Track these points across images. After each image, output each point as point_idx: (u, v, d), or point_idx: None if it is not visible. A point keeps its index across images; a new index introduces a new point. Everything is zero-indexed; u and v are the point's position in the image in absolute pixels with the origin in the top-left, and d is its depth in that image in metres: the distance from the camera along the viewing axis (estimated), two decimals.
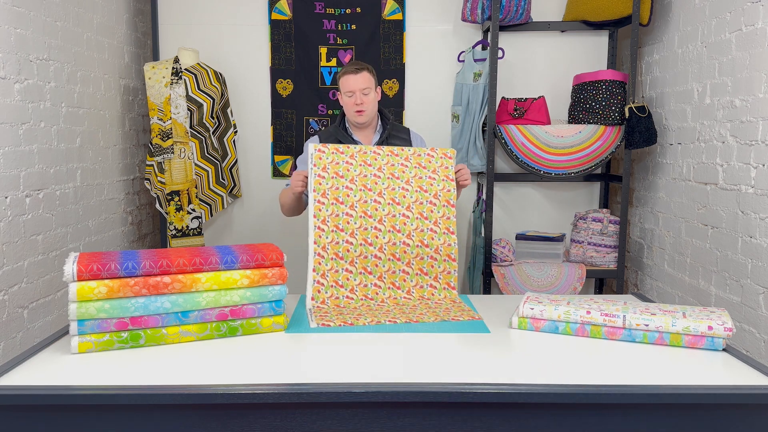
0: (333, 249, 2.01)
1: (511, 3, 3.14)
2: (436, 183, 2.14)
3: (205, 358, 1.51)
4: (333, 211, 2.04)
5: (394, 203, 2.09)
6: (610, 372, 1.45)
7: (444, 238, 2.09)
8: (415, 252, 2.06)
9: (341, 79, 2.44)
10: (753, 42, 2.37)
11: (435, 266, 2.07)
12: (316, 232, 2.01)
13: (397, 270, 2.05)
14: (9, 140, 2.30)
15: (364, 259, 2.02)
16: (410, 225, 2.07)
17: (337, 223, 2.04)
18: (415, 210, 2.10)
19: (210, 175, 3.36)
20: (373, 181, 2.10)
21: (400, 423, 1.35)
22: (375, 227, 2.05)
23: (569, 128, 3.17)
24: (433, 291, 2.06)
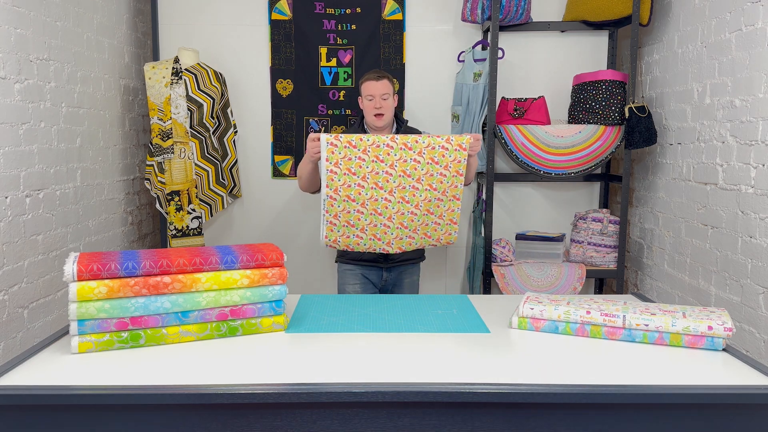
0: (345, 218, 2.20)
1: (511, 3, 3.14)
2: (446, 180, 2.21)
3: (205, 358, 1.51)
4: (344, 207, 2.17)
5: (404, 201, 2.18)
6: (610, 372, 1.45)
7: (446, 228, 2.28)
8: (421, 219, 2.27)
9: (363, 84, 2.68)
10: (753, 42, 2.37)
11: (438, 230, 2.27)
12: (328, 227, 2.17)
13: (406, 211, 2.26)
14: (9, 140, 2.30)
15: (374, 227, 2.25)
16: (417, 221, 2.19)
17: (348, 219, 2.17)
18: (423, 207, 2.20)
19: (210, 175, 3.36)
20: (384, 179, 2.18)
21: (400, 423, 1.35)
22: (384, 224, 2.22)
23: (569, 128, 3.17)
24: (439, 204, 2.24)
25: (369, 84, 2.66)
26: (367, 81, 2.67)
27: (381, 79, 2.66)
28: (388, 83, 2.67)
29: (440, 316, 1.87)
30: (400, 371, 1.43)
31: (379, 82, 2.65)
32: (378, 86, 2.65)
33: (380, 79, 2.66)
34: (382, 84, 2.65)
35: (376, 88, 2.65)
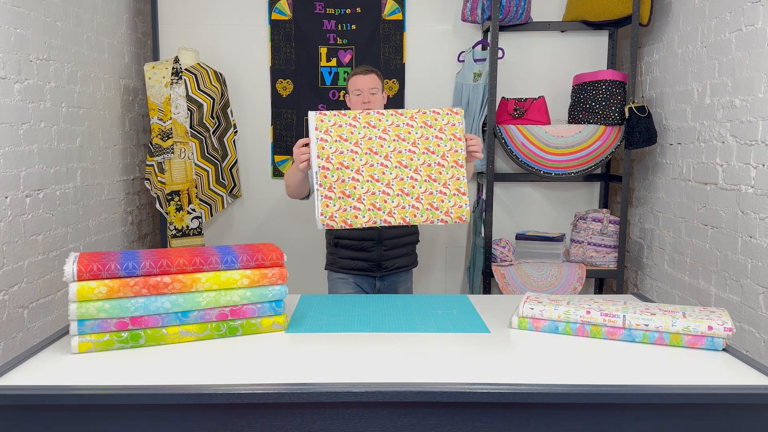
0: (340, 188, 2.03)
1: (511, 3, 3.14)
2: (443, 143, 2.07)
3: (205, 358, 1.51)
4: (338, 176, 2.01)
5: (402, 166, 2.05)
6: (610, 372, 1.45)
7: (454, 199, 2.04)
8: (423, 186, 2.05)
9: (350, 79, 2.53)
10: (753, 42, 2.37)
11: (445, 200, 2.04)
12: (323, 202, 2.00)
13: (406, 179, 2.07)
14: (9, 140, 2.30)
15: (372, 195, 2.03)
16: (419, 188, 2.04)
17: (344, 189, 2.01)
18: (423, 173, 2.05)
19: (210, 175, 3.36)
20: (378, 144, 2.07)
21: (400, 423, 1.35)
22: (383, 191, 2.03)
23: (569, 128, 3.17)
24: (441, 170, 2.05)
25: (357, 78, 2.52)
26: (355, 76, 2.54)
27: (369, 74, 2.53)
28: (377, 78, 2.54)
29: (440, 316, 1.87)
30: (400, 371, 1.43)
31: (367, 77, 2.52)
32: (366, 80, 2.51)
33: (368, 73, 2.53)
34: (370, 78, 2.52)
35: (364, 82, 2.51)
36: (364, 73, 2.52)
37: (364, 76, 2.52)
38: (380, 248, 2.56)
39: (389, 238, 2.57)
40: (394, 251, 2.60)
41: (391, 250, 2.59)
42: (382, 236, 2.55)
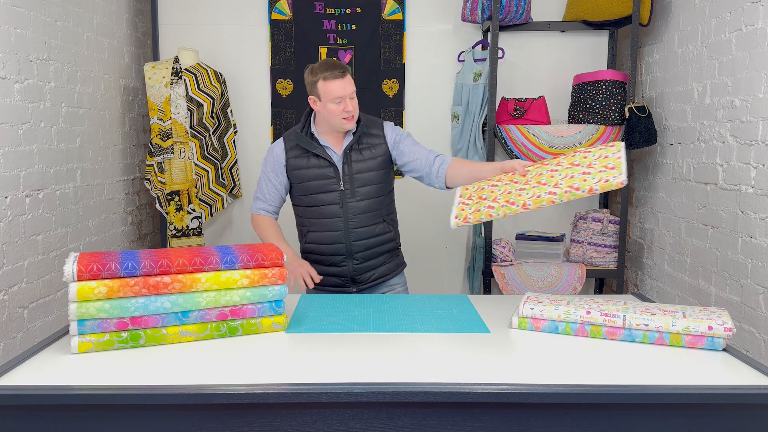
0: (478, 195, 1.96)
1: (511, 3, 3.14)
2: (590, 177, 1.75)
3: (205, 358, 1.51)
4: (476, 208, 1.89)
5: (540, 184, 1.84)
6: (610, 372, 1.45)
7: (600, 175, 1.75)
8: (564, 173, 1.85)
9: (325, 83, 2.16)
10: (753, 42, 2.37)
11: (588, 179, 1.77)
12: (460, 207, 1.93)
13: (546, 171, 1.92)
14: (9, 140, 2.30)
15: (508, 194, 1.89)
16: (558, 176, 1.84)
17: (482, 195, 1.94)
18: (565, 162, 1.87)
19: (210, 175, 3.36)
20: (517, 195, 1.85)
21: (400, 423, 1.35)
22: (519, 188, 1.89)
23: (569, 128, 3.17)
24: (586, 177, 1.78)
25: (334, 84, 2.15)
26: (331, 80, 2.15)
27: (345, 74, 2.18)
28: (350, 77, 2.22)
29: (440, 316, 1.87)
30: (400, 371, 1.43)
31: (346, 79, 2.17)
32: (346, 85, 2.17)
33: (345, 74, 2.18)
34: (348, 80, 2.18)
35: (344, 87, 2.16)
36: (342, 76, 2.16)
37: (342, 80, 2.16)
38: (351, 262, 2.32)
39: (360, 251, 2.31)
40: (368, 263, 2.34)
41: (365, 263, 2.33)
42: (351, 249, 2.30)
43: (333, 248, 2.32)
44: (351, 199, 2.28)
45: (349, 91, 2.19)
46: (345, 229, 2.30)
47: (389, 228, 2.39)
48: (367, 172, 2.29)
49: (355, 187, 2.28)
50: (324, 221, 2.31)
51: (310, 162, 2.29)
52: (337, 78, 2.15)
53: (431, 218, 3.58)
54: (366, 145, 2.30)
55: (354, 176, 2.28)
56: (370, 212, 2.32)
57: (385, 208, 2.37)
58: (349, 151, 2.28)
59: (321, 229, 2.32)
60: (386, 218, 2.38)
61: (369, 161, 2.29)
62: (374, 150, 2.30)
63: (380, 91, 3.55)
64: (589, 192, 1.71)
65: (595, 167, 1.76)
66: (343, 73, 2.17)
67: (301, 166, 2.30)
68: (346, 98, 2.18)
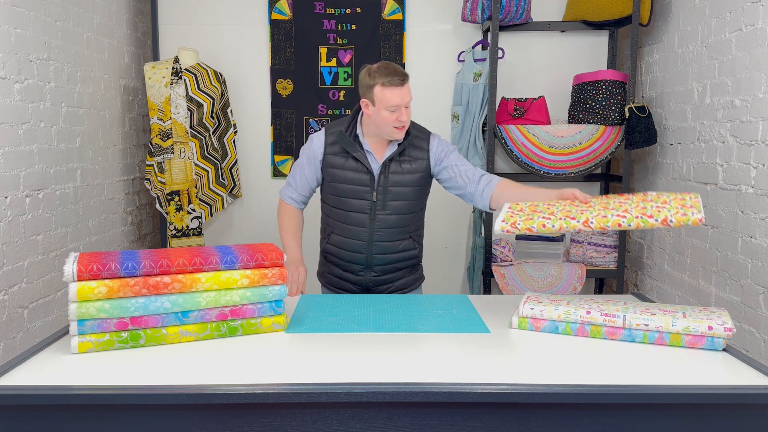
0: (531, 208, 1.81)
1: (511, 3, 3.14)
2: (666, 210, 1.65)
3: (205, 358, 1.51)
4: (528, 216, 1.77)
5: (606, 208, 1.72)
6: (610, 372, 1.45)
7: (677, 210, 1.64)
8: (635, 203, 1.73)
9: (383, 90, 2.03)
10: (753, 42, 2.37)
11: (663, 210, 1.66)
12: (508, 213, 1.79)
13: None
14: (9, 140, 2.30)
15: (567, 211, 1.75)
16: (629, 204, 1.73)
17: (535, 208, 1.79)
18: (634, 210, 1.69)
19: (210, 175, 3.36)
20: (579, 212, 1.74)
21: (400, 423, 1.35)
22: (581, 210, 1.75)
23: (569, 128, 3.17)
24: (662, 207, 1.67)
25: (393, 91, 2.02)
26: (390, 87, 2.02)
27: (405, 82, 2.05)
28: (409, 85, 2.09)
29: (440, 316, 1.87)
30: (400, 371, 1.43)
31: (405, 87, 2.04)
32: (404, 93, 2.04)
33: (405, 82, 2.04)
34: (407, 89, 2.05)
35: (403, 95, 2.03)
36: (401, 84, 2.03)
37: (401, 89, 2.03)
38: (369, 273, 2.26)
39: (380, 264, 2.24)
40: (386, 276, 2.28)
41: (383, 276, 2.27)
42: (371, 261, 2.24)
43: (353, 256, 2.25)
44: (381, 211, 2.18)
45: (407, 100, 2.06)
46: (368, 240, 2.21)
47: (414, 245, 2.29)
48: (403, 186, 2.18)
49: (387, 200, 2.17)
50: (349, 227, 2.22)
51: (347, 163, 2.17)
52: (397, 86, 2.02)
53: (431, 218, 3.58)
54: (408, 158, 2.17)
55: (389, 189, 2.16)
56: (398, 228, 2.21)
57: (413, 224, 2.27)
58: (389, 162, 2.16)
59: (344, 235, 2.24)
60: (413, 234, 2.28)
61: (407, 175, 2.17)
62: (415, 164, 2.17)
63: None
64: (663, 222, 1.60)
65: (671, 204, 1.67)
66: (403, 81, 2.04)
67: (338, 165, 2.18)
68: (402, 107, 2.05)
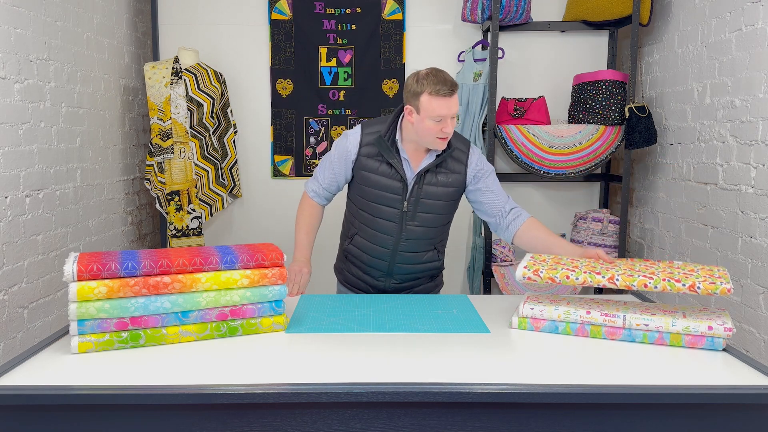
0: (555, 259, 1.80)
1: (511, 3, 3.14)
2: (694, 276, 1.62)
3: (205, 358, 1.51)
4: (552, 266, 1.75)
5: (631, 269, 1.68)
6: (610, 372, 1.44)
7: (706, 278, 1.61)
8: (662, 266, 1.71)
9: (430, 99, 1.93)
10: (753, 42, 2.37)
11: (691, 276, 1.63)
12: (531, 262, 1.78)
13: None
14: (9, 140, 2.30)
15: (592, 267, 1.73)
16: (655, 267, 1.72)
17: (558, 261, 1.79)
18: (661, 266, 1.70)
19: (210, 175, 3.36)
20: (604, 269, 1.71)
21: (400, 423, 1.35)
22: (606, 267, 1.73)
23: (569, 128, 3.17)
24: (690, 274, 1.64)
25: (441, 102, 1.92)
26: (438, 96, 1.92)
27: (455, 93, 1.94)
28: (457, 95, 1.98)
29: (440, 316, 1.87)
30: (400, 371, 1.43)
31: (453, 98, 1.94)
32: (452, 104, 1.94)
33: (454, 92, 1.94)
34: (455, 100, 1.95)
35: (450, 106, 1.93)
36: (449, 94, 1.93)
37: (449, 99, 1.93)
38: (390, 280, 2.23)
39: (402, 273, 2.21)
40: (407, 284, 2.24)
41: (403, 284, 2.24)
42: (393, 270, 2.19)
43: (375, 262, 2.20)
44: (410, 222, 2.11)
45: (454, 111, 1.95)
46: (393, 248, 2.15)
47: (438, 256, 2.25)
48: (436, 200, 2.10)
49: (418, 211, 2.10)
50: (374, 233, 2.16)
51: (381, 168, 2.08)
52: (445, 96, 1.92)
53: None
54: (444, 171, 2.09)
55: (421, 200, 2.09)
56: (425, 239, 2.16)
57: (439, 236, 2.21)
58: (425, 172, 2.07)
59: (369, 239, 2.18)
60: (438, 246, 2.23)
61: (441, 188, 2.09)
62: (451, 177, 2.09)
63: (380, 91, 3.55)
64: (690, 288, 1.57)
65: (698, 273, 1.65)
66: (452, 91, 1.93)
67: (371, 168, 2.09)
68: (448, 118, 1.95)
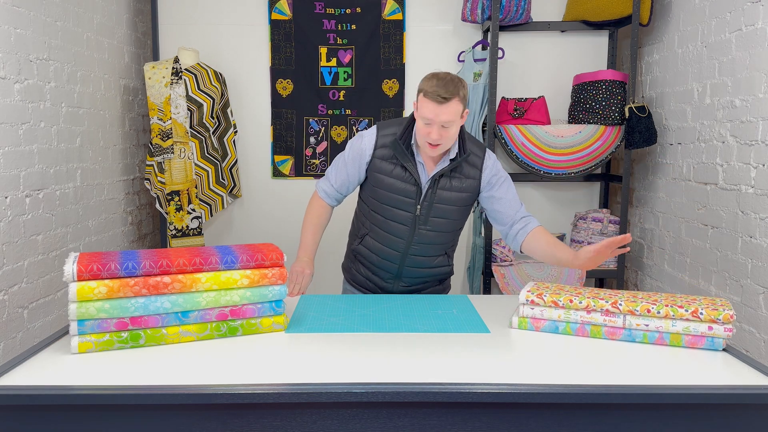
0: (558, 286, 1.82)
1: (511, 3, 3.14)
2: (696, 303, 1.63)
3: (205, 358, 1.51)
4: (555, 291, 1.76)
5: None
6: (610, 372, 1.45)
7: (710, 306, 1.62)
8: (664, 296, 1.72)
9: (422, 98, 1.92)
10: (753, 42, 2.37)
11: (693, 304, 1.64)
12: (532, 288, 1.80)
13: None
14: (9, 140, 2.30)
15: (595, 293, 1.73)
16: (658, 296, 1.72)
17: (555, 289, 1.78)
18: (663, 301, 1.67)
19: (210, 175, 3.36)
20: (607, 295, 1.71)
21: (400, 423, 1.35)
22: (607, 295, 1.73)
23: (569, 128, 3.17)
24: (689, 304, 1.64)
25: (429, 105, 1.89)
26: (428, 99, 1.89)
27: (448, 101, 1.88)
28: (458, 105, 1.90)
29: (440, 316, 1.87)
30: (400, 371, 1.43)
31: (442, 107, 1.88)
32: (441, 112, 1.89)
33: (447, 101, 1.88)
34: (447, 109, 1.88)
35: (438, 113, 1.89)
36: (440, 101, 1.88)
37: (438, 105, 1.88)
38: (398, 283, 2.21)
39: (411, 277, 2.20)
40: (415, 287, 2.24)
41: (412, 287, 2.23)
42: (402, 273, 2.19)
43: (384, 264, 2.18)
44: (422, 226, 2.09)
45: (442, 119, 1.90)
46: (404, 252, 2.14)
47: (448, 261, 2.24)
48: (449, 205, 2.08)
49: (431, 216, 2.08)
50: (386, 236, 2.14)
51: (395, 171, 2.06)
52: (434, 101, 1.89)
53: None
54: (459, 176, 2.06)
55: (434, 205, 2.07)
56: (436, 244, 2.15)
57: (451, 241, 2.21)
58: (440, 177, 2.05)
59: (379, 241, 2.16)
60: (448, 251, 2.22)
61: (455, 193, 2.07)
62: (465, 183, 2.07)
63: (380, 91, 3.55)
64: (693, 314, 1.58)
65: (701, 301, 1.64)
66: (444, 99, 1.88)
67: (385, 170, 2.07)
68: (435, 125, 1.91)
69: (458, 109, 1.92)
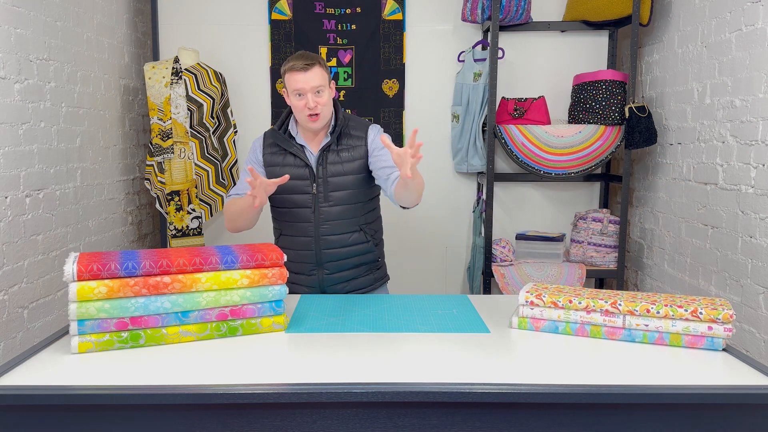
0: (557, 287, 1.81)
1: (511, 3, 3.14)
2: (696, 303, 1.63)
3: (205, 358, 1.51)
4: (555, 292, 1.76)
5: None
6: (610, 372, 1.44)
7: (709, 304, 1.62)
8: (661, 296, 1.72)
9: (286, 75, 2.05)
10: (753, 42, 2.37)
11: (692, 304, 1.63)
12: (532, 287, 1.80)
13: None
14: (9, 140, 2.30)
15: (594, 294, 1.73)
16: (656, 295, 1.72)
17: (558, 293, 1.76)
18: (661, 300, 1.67)
19: (210, 175, 3.36)
20: (607, 296, 1.71)
21: (400, 423, 1.35)
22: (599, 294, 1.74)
23: (569, 128, 3.17)
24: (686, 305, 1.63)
25: (294, 76, 2.01)
26: (292, 72, 2.02)
27: (310, 68, 2.00)
28: (321, 71, 2.02)
29: (440, 316, 1.87)
30: (400, 371, 1.43)
31: (308, 73, 1.99)
32: (308, 78, 2.00)
33: (309, 67, 2.00)
34: (312, 74, 2.00)
35: (306, 80, 2.00)
36: (303, 69, 2.00)
37: (304, 74, 2.00)
38: (321, 271, 2.19)
39: (331, 260, 2.18)
40: (339, 274, 2.20)
41: (335, 274, 2.20)
42: (321, 258, 2.17)
43: (302, 255, 2.18)
44: (324, 203, 2.13)
45: (313, 85, 2.00)
46: (315, 235, 2.15)
47: (366, 238, 2.21)
48: (343, 175, 2.13)
49: (329, 191, 2.13)
50: (295, 225, 2.18)
51: (285, 160, 2.15)
52: (299, 71, 2.00)
53: (432, 218, 3.58)
54: (345, 147, 2.13)
55: (328, 179, 2.12)
56: (344, 219, 2.16)
57: (362, 216, 2.20)
58: (326, 152, 2.12)
59: (292, 233, 2.19)
60: (364, 227, 2.20)
61: (346, 164, 2.13)
62: (353, 152, 2.13)
63: (380, 91, 3.55)
64: (692, 313, 1.58)
65: (700, 301, 1.64)
66: (306, 66, 2.00)
67: (277, 163, 2.16)
68: (308, 93, 2.01)
69: (323, 74, 2.04)
